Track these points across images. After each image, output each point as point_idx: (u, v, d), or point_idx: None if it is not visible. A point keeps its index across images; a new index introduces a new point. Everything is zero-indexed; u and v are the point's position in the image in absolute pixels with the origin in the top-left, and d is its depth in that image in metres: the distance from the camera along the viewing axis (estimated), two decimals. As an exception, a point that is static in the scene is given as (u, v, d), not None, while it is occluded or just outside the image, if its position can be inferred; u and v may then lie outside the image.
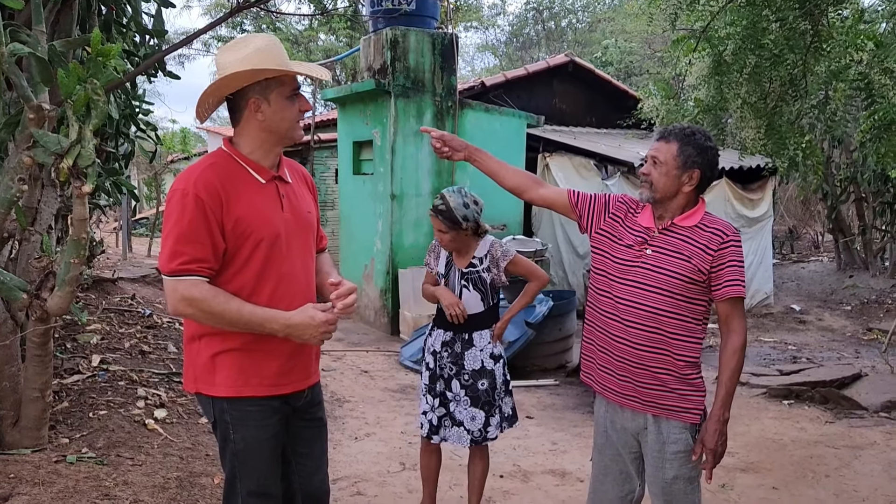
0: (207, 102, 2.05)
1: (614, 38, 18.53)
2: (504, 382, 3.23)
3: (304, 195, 2.18)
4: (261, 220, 1.97)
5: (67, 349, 4.91)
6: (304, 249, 2.12)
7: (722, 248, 2.22)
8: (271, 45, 1.97)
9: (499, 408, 3.19)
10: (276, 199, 2.05)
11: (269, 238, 1.97)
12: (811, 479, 4.13)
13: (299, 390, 2.12)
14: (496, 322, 3.22)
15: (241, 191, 1.97)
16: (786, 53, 4.25)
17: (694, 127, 2.32)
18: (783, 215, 15.15)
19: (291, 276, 2.04)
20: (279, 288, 2.00)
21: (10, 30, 3.02)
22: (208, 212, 1.89)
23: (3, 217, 3.14)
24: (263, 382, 2.02)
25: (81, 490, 3.06)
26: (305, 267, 2.12)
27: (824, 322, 9.31)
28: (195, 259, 1.88)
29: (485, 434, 3.17)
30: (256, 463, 2.06)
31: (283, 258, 2.01)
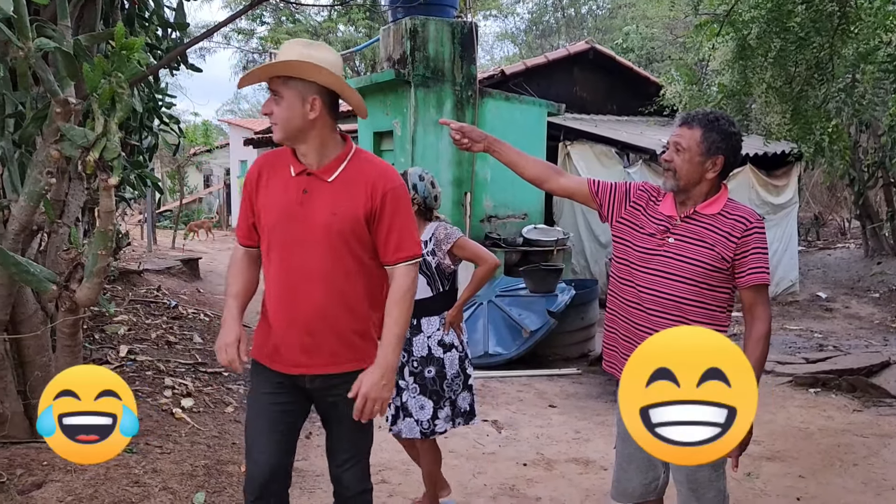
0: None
1: (635, 25, 18.30)
2: (459, 375, 3.15)
3: (344, 197, 2.12)
4: (270, 206, 2.17)
5: (96, 340, 5.00)
6: (320, 246, 2.11)
7: (745, 235, 2.19)
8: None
9: (449, 400, 3.12)
10: (296, 192, 2.13)
11: (272, 223, 2.16)
12: (839, 468, 4.09)
13: (290, 374, 2.20)
14: (448, 310, 3.17)
15: (275, 177, 2.19)
16: (812, 36, 4.18)
17: (717, 112, 2.28)
18: (808, 201, 14.93)
19: (293, 265, 2.14)
20: (279, 272, 2.18)
21: (36, 25, 3.06)
22: (249, 189, 2.24)
23: (31, 210, 3.19)
24: (261, 351, 2.25)
25: (112, 477, 3.12)
26: (317, 262, 2.11)
27: (851, 309, 9.18)
28: (239, 227, 2.30)
29: (433, 426, 3.09)
30: (249, 417, 2.28)
31: (285, 246, 2.15)
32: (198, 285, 8.87)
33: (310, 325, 2.14)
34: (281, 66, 2.04)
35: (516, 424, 4.83)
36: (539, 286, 6.68)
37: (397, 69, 8.05)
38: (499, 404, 5.29)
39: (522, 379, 5.95)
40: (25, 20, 2.80)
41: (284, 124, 2.08)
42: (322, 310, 2.13)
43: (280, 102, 2.06)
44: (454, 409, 3.15)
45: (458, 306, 3.16)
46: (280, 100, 2.06)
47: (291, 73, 2.04)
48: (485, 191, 8.57)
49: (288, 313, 2.15)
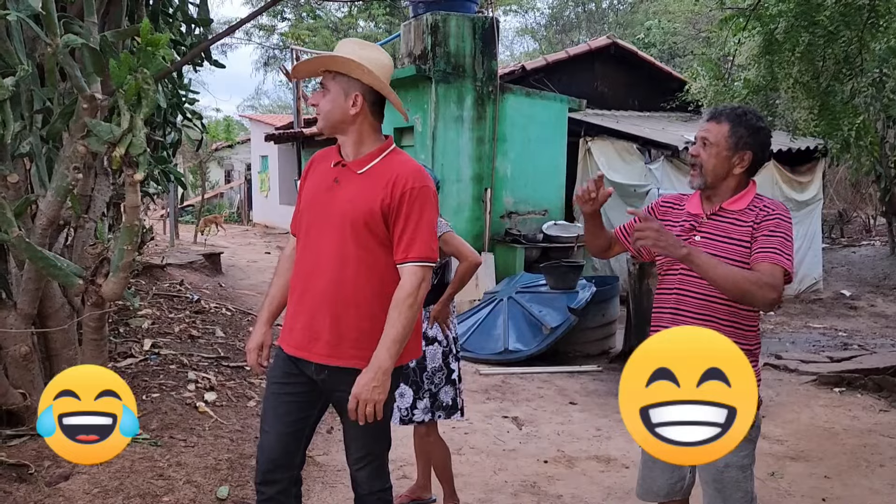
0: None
1: (657, 19, 18.14)
2: (441, 370, 3.19)
3: (365, 189, 2.15)
4: (306, 193, 2.30)
5: (120, 333, 5.05)
6: (337, 232, 2.18)
7: (765, 219, 2.16)
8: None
9: (429, 392, 3.17)
10: (328, 181, 2.24)
11: (302, 209, 2.30)
12: (864, 469, 4.03)
13: (295, 357, 2.22)
14: (434, 304, 3.18)
15: (319, 169, 2.31)
16: (841, 30, 4.10)
17: (745, 107, 2.25)
18: (832, 198, 14.71)
19: (311, 250, 2.24)
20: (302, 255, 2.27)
21: (63, 21, 3.09)
22: (302, 180, 2.35)
23: (59, 205, 3.23)
24: (282, 333, 2.31)
25: (137, 470, 3.15)
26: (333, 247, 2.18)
27: (877, 308, 9.04)
28: (294, 216, 2.36)
29: (410, 415, 3.16)
30: (263, 407, 2.33)
31: (309, 231, 2.26)
32: (219, 280, 8.94)
33: (313, 309, 2.18)
34: (328, 61, 2.18)
35: (537, 421, 4.82)
36: (559, 283, 6.65)
37: (418, 65, 8.04)
38: (519, 401, 5.28)
39: (543, 375, 5.93)
40: (54, 17, 2.83)
41: (325, 115, 2.20)
42: (325, 295, 2.16)
43: (326, 95, 2.19)
44: (434, 401, 3.20)
45: (443, 301, 3.18)
46: (326, 92, 2.19)
47: (337, 68, 2.17)
48: (505, 187, 8.54)
49: (300, 295, 2.23)
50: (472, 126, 8.28)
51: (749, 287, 2.05)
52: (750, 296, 2.06)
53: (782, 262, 2.09)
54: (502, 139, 8.47)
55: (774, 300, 2.06)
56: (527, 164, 8.63)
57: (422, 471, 3.51)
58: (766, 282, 2.05)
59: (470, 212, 8.37)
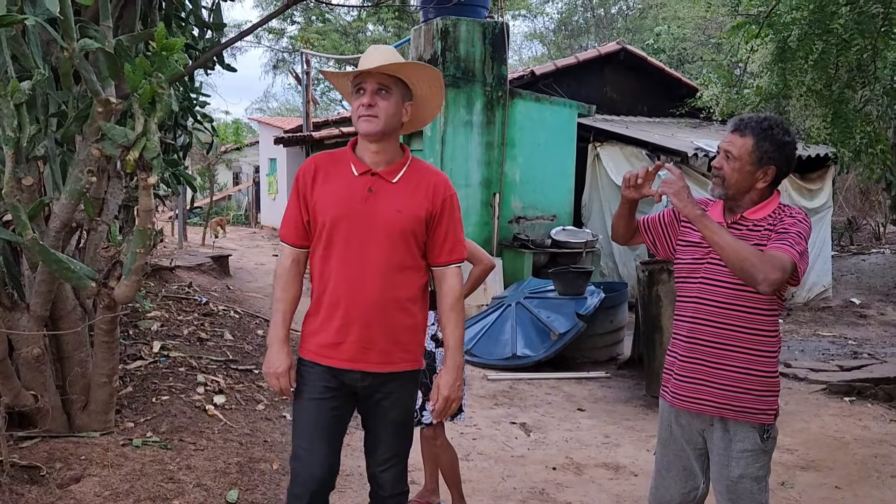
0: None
1: (667, 25, 18.10)
2: None
3: (408, 197, 2.21)
4: (331, 204, 2.20)
5: (130, 336, 5.07)
6: (380, 241, 2.19)
7: (781, 220, 2.15)
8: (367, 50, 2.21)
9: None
10: (360, 191, 2.20)
11: (331, 220, 2.19)
12: (876, 480, 4.00)
13: (346, 368, 2.21)
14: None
15: (333, 177, 2.23)
16: (855, 38, 4.08)
17: (771, 119, 2.21)
18: (842, 206, 14.64)
19: (351, 259, 2.19)
20: (338, 266, 2.21)
21: (79, 25, 3.11)
22: (301, 189, 2.25)
23: (72, 208, 3.24)
24: (311, 348, 2.26)
25: (147, 473, 3.16)
26: (377, 257, 2.19)
27: (887, 316, 8.99)
28: (288, 227, 2.28)
29: (419, 417, 3.17)
30: (299, 420, 2.28)
31: (347, 243, 2.19)
32: (227, 282, 8.96)
33: (368, 320, 2.20)
34: (413, 68, 2.18)
35: (545, 427, 4.80)
36: (568, 288, 6.64)
37: (428, 69, 8.05)
38: (527, 406, 5.26)
39: (551, 381, 5.91)
40: (71, 21, 2.84)
41: (388, 119, 2.16)
42: (379, 304, 2.20)
43: (388, 98, 2.16)
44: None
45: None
46: (388, 95, 2.16)
47: (417, 78, 2.20)
48: (514, 192, 8.53)
49: (348, 308, 2.20)
50: (481, 131, 8.28)
51: (753, 259, 2.04)
52: (752, 268, 2.04)
53: (791, 252, 2.07)
54: (511, 144, 8.46)
55: (776, 281, 2.03)
56: (536, 169, 8.63)
57: (430, 475, 3.50)
58: (769, 259, 2.04)
59: (478, 216, 8.37)
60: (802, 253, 2.09)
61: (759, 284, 2.06)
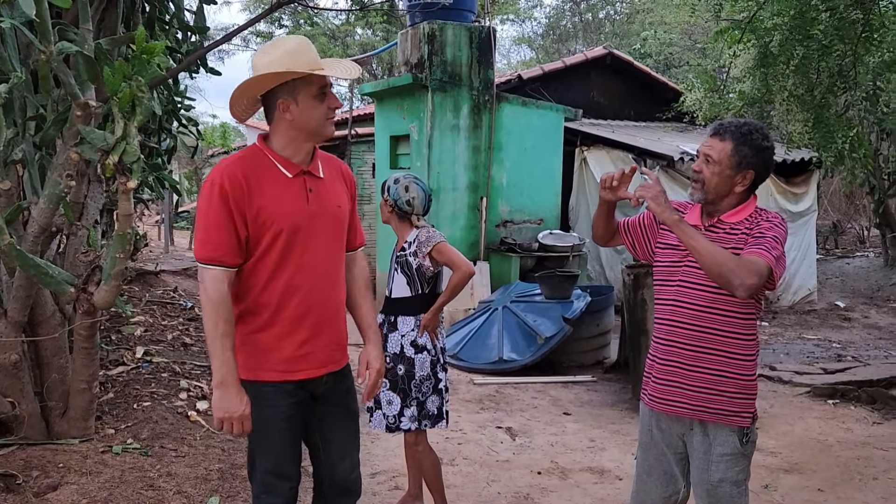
0: (241, 103, 2.15)
1: (653, 30, 18.20)
2: (429, 378, 3.19)
3: (336, 190, 2.22)
4: (281, 212, 2.06)
5: (112, 341, 5.02)
6: (331, 241, 2.18)
7: (758, 224, 2.16)
8: (299, 47, 2.06)
9: (417, 401, 3.17)
10: (301, 193, 2.11)
11: (288, 229, 2.06)
12: (858, 482, 4.02)
13: (314, 377, 2.17)
14: (424, 312, 3.21)
15: (266, 183, 2.07)
16: (835, 44, 4.12)
17: (751, 124, 2.22)
18: (827, 209, 14.76)
19: (312, 265, 2.12)
20: (298, 275, 2.10)
21: (58, 28, 3.08)
22: (231, 202, 2.01)
23: (51, 212, 3.21)
24: (276, 367, 2.11)
25: (127, 480, 3.13)
26: (330, 258, 2.18)
27: (870, 319, 9.05)
28: (220, 246, 2.02)
29: (398, 422, 3.17)
30: (272, 443, 2.15)
31: (304, 249, 2.10)
32: (213, 287, 8.90)
33: (335, 322, 2.19)
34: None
35: (530, 432, 4.80)
36: (554, 292, 6.64)
37: (415, 73, 8.05)
38: (513, 411, 5.26)
39: (537, 385, 5.91)
40: (48, 23, 2.82)
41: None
42: (334, 303, 2.20)
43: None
44: (421, 410, 3.20)
45: (434, 310, 3.21)
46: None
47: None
48: (501, 196, 8.54)
49: (319, 316, 2.15)
50: (468, 135, 8.28)
51: (730, 264, 2.04)
52: (728, 273, 2.04)
53: (767, 257, 2.07)
54: (498, 148, 8.47)
55: (752, 286, 2.03)
56: (523, 173, 8.64)
57: (413, 480, 3.49)
58: (746, 264, 2.04)
59: (465, 220, 8.37)
60: (779, 257, 2.10)
61: (735, 289, 2.06)
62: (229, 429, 2.02)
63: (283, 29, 22.37)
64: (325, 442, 2.26)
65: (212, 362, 2.02)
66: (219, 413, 2.01)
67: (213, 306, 2.00)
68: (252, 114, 2.20)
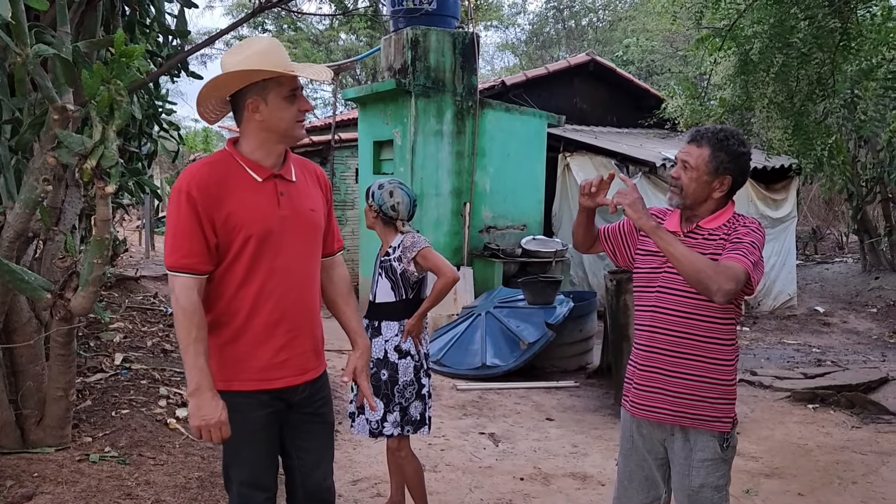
0: (209, 103, 2.12)
1: (636, 37, 18.35)
2: (412, 384, 3.18)
3: (310, 193, 2.19)
4: (251, 216, 2.02)
5: (90, 347, 4.95)
6: (305, 245, 2.14)
7: (735, 230, 2.18)
8: (270, 47, 2.03)
9: (400, 406, 3.16)
10: (272, 197, 2.07)
11: (258, 233, 2.02)
12: (837, 486, 4.05)
13: (292, 385, 2.13)
14: (409, 318, 3.20)
15: (235, 188, 2.03)
16: (814, 52, 4.18)
17: (727, 130, 2.25)
18: (806, 215, 14.92)
19: (285, 269, 2.08)
20: (270, 281, 2.06)
21: (35, 31, 3.04)
22: (199, 208, 1.97)
23: (27, 217, 3.16)
24: (251, 376, 2.07)
25: (104, 489, 3.08)
26: (304, 262, 2.14)
27: (849, 324, 9.16)
28: (190, 253, 1.97)
29: (381, 428, 3.16)
30: (247, 454, 2.11)
31: (276, 253, 2.06)
32: (194, 292, 8.82)
33: (311, 328, 2.16)
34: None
35: (513, 437, 4.79)
36: (537, 298, 6.65)
37: (398, 79, 8.05)
38: (496, 416, 5.25)
39: (520, 391, 5.91)
40: (24, 26, 2.78)
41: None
42: (316, 309, 2.18)
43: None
44: (404, 416, 3.18)
45: (418, 316, 3.20)
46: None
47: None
48: (484, 201, 8.55)
49: (294, 321, 2.11)
50: (451, 140, 8.29)
51: (708, 271, 2.05)
52: (707, 279, 2.05)
53: (745, 262, 2.08)
54: (481, 154, 8.49)
55: (729, 291, 2.05)
56: (506, 178, 8.65)
57: (395, 487, 3.47)
58: (723, 270, 2.05)
59: (449, 226, 8.37)
60: (756, 262, 2.11)
61: (713, 295, 2.07)
62: (207, 436, 1.98)
63: (266, 34, 22.29)
64: (299, 451, 2.23)
65: (186, 370, 1.97)
66: (196, 421, 1.97)
67: (185, 314, 1.96)
68: (221, 117, 2.18)
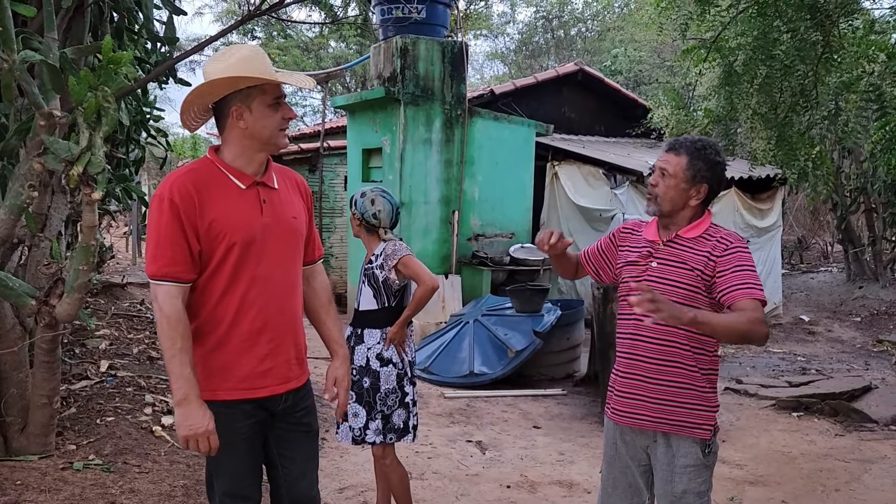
0: (192, 111, 2.12)
1: (623, 47, 18.51)
2: (395, 392, 3.18)
3: (291, 201, 2.19)
4: (234, 224, 2.02)
5: (76, 354, 4.92)
6: (287, 253, 2.14)
7: (726, 253, 2.20)
8: (254, 54, 2.03)
9: (382, 414, 3.16)
10: (255, 204, 2.07)
11: (242, 241, 2.02)
12: (821, 493, 4.09)
13: (275, 394, 2.12)
14: (391, 325, 3.21)
15: (218, 195, 2.02)
16: (797, 64, 4.24)
17: (705, 140, 2.30)
18: (792, 225, 15.06)
19: (268, 277, 2.07)
20: (253, 289, 2.05)
21: (22, 37, 3.04)
22: (182, 216, 1.96)
23: (12, 223, 3.15)
24: (235, 386, 2.06)
25: (88, 497, 3.06)
26: (286, 270, 2.14)
27: (834, 333, 9.24)
28: (173, 262, 1.96)
29: (363, 435, 3.17)
30: (230, 465, 2.10)
31: (259, 261, 2.05)
32: (181, 299, 8.78)
33: (293, 336, 2.16)
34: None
35: (500, 445, 4.80)
36: (525, 306, 6.67)
37: (387, 87, 8.08)
38: (483, 424, 5.25)
39: (507, 399, 5.92)
40: (10, 32, 2.79)
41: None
42: (292, 315, 2.17)
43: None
44: (387, 423, 3.18)
45: (400, 324, 3.21)
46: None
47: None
48: (472, 209, 8.58)
49: (276, 329, 2.10)
50: (440, 148, 8.32)
51: (748, 328, 2.07)
52: (750, 336, 2.11)
53: (759, 294, 2.14)
54: (470, 162, 8.52)
55: (767, 333, 2.12)
56: (494, 187, 8.69)
57: (381, 495, 3.47)
58: (753, 319, 2.09)
59: (437, 234, 8.38)
60: (761, 286, 2.18)
61: (757, 342, 2.15)
62: (195, 446, 1.95)
63: (255, 41, 22.29)
64: (284, 460, 2.21)
65: (171, 380, 1.95)
66: (183, 431, 1.94)
67: (169, 323, 1.94)
68: (202, 123, 2.18)
